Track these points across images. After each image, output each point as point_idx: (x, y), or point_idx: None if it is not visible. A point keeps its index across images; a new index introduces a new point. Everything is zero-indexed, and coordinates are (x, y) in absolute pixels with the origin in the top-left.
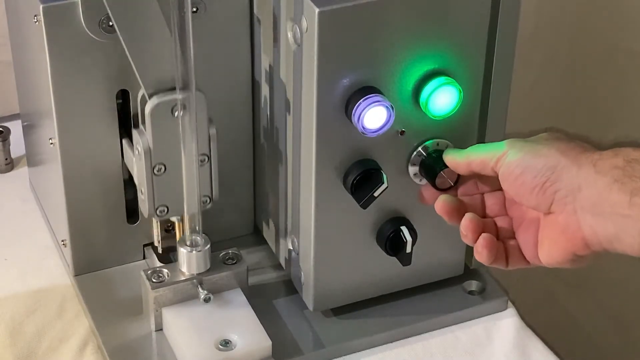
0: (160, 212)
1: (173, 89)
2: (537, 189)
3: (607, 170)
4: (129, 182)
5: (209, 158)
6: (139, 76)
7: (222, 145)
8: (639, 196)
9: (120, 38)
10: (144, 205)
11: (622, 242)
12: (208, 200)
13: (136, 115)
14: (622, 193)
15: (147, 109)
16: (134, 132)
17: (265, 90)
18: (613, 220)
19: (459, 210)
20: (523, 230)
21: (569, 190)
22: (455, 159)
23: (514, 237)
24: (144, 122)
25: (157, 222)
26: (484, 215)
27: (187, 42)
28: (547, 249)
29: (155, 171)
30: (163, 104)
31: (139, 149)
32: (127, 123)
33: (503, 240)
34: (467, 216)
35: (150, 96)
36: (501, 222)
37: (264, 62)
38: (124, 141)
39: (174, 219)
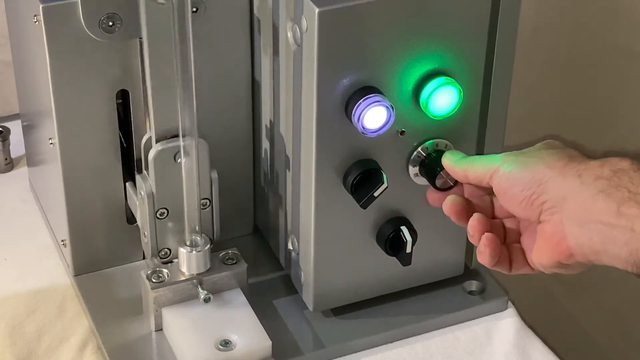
0: (164, 255)
1: (176, 136)
2: (525, 201)
3: (592, 180)
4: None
5: (211, 202)
6: (154, 123)
7: (222, 145)
8: (626, 206)
9: (149, 85)
10: (147, 248)
11: (607, 253)
12: (210, 242)
13: (139, 160)
14: (608, 203)
15: (151, 155)
16: (138, 178)
17: (265, 90)
18: (598, 231)
19: (467, 210)
20: (529, 233)
21: (555, 200)
22: (454, 168)
23: (520, 240)
24: (147, 168)
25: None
26: (493, 216)
27: (190, 89)
28: (535, 254)
29: (157, 215)
30: (166, 151)
31: (142, 194)
32: (130, 164)
33: (508, 244)
34: (475, 216)
35: (156, 142)
36: (510, 223)
37: (264, 62)
38: (127, 185)
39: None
